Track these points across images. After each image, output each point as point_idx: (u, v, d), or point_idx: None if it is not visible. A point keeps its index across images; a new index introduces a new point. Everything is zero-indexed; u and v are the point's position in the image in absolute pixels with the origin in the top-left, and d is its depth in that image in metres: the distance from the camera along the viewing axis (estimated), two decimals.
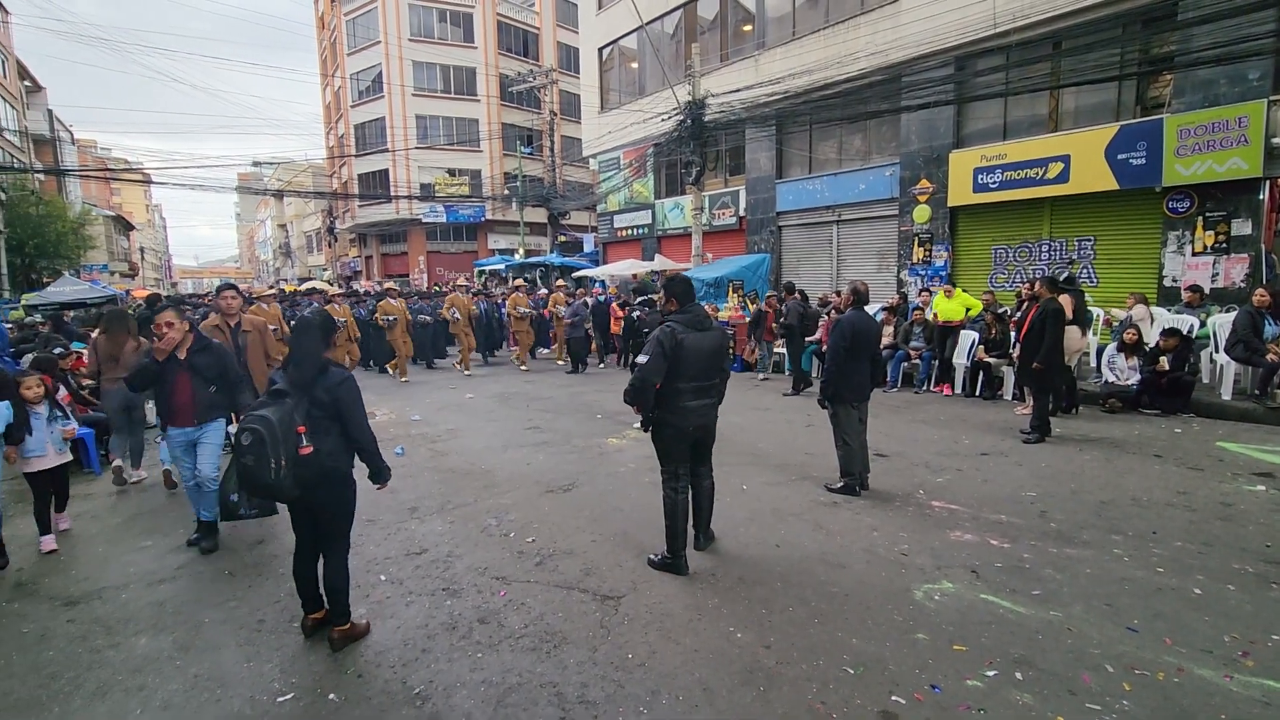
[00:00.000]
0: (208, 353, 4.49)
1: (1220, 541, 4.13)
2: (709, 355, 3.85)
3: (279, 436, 2.78)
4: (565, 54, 34.50)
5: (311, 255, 54.82)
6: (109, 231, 44.14)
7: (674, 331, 3.72)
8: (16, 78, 33.63)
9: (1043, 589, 3.58)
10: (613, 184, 21.75)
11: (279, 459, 2.77)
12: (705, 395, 3.89)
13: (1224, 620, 3.21)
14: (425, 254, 34.01)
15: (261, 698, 2.79)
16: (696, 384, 3.80)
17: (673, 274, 4.26)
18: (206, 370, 4.41)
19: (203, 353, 4.45)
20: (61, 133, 38.46)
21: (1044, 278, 7.13)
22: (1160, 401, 7.63)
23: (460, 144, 33.35)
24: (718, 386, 4.02)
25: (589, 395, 10.02)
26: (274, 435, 2.77)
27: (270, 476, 2.76)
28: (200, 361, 4.41)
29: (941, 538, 4.31)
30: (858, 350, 5.14)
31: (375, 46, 32.55)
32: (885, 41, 12.85)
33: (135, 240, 57.79)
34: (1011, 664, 2.89)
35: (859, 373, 5.21)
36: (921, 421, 7.77)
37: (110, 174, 38.97)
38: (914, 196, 13.23)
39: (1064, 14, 10.60)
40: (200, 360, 4.42)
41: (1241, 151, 9.16)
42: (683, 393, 3.77)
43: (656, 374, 3.68)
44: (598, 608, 3.51)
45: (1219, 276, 9.72)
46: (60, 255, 26.59)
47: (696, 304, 3.98)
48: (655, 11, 18.29)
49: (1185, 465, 5.76)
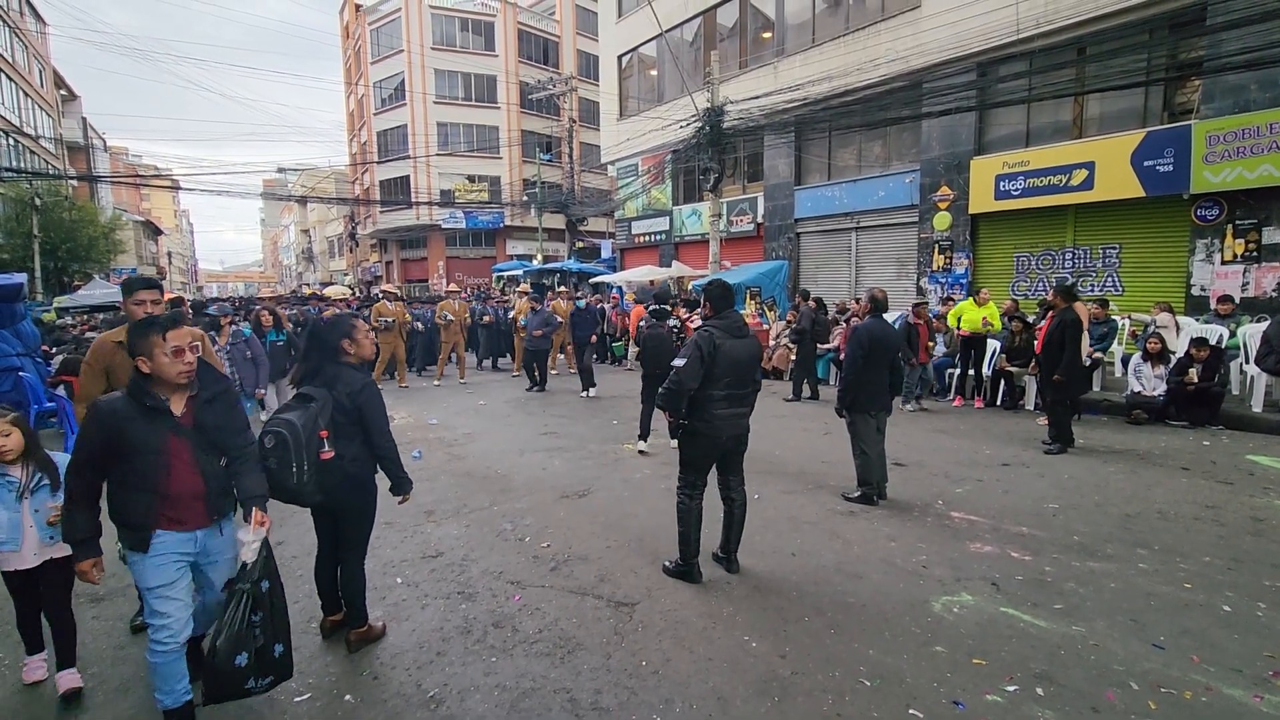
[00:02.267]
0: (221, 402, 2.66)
1: (1250, 558, 4.03)
2: (745, 363, 3.78)
3: (302, 441, 2.76)
4: (585, 61, 34.72)
5: (333, 260, 55.64)
6: (138, 236, 45.21)
7: (713, 336, 3.69)
8: (53, 87, 34.67)
9: (1065, 603, 3.51)
10: (631, 190, 21.83)
11: (302, 464, 2.76)
12: (738, 404, 3.80)
13: (1254, 639, 3.12)
14: (444, 259, 34.37)
15: (279, 697, 2.81)
16: (730, 392, 3.74)
17: (713, 280, 4.20)
18: (218, 432, 2.60)
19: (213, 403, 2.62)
20: (95, 140, 39.52)
21: (1058, 287, 6.99)
22: (1188, 413, 7.47)
23: (480, 151, 33.72)
24: (750, 396, 3.91)
25: (605, 401, 10.03)
26: (297, 439, 2.75)
27: (294, 481, 2.76)
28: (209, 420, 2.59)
29: (961, 549, 4.25)
30: (876, 359, 5.09)
31: (398, 55, 33.06)
32: (906, 48, 12.78)
33: (163, 245, 59.10)
34: (1033, 679, 2.84)
35: (877, 382, 5.16)
36: (941, 431, 7.67)
37: (140, 180, 39.88)
38: (934, 203, 13.12)
39: (1089, 19, 10.47)
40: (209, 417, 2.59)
41: (1273, 158, 8.97)
42: (715, 400, 3.71)
43: (694, 378, 3.65)
44: (612, 614, 3.50)
45: (1249, 286, 9.51)
46: (91, 259, 27.21)
47: (734, 310, 3.93)
48: (675, 19, 18.37)
49: (1214, 479, 5.63)
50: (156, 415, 2.42)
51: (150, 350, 2.41)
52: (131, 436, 2.37)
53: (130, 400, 2.42)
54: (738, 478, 4.01)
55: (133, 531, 2.43)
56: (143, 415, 2.40)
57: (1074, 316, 6.57)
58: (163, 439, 2.42)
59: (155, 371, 2.41)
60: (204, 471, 2.51)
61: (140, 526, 2.42)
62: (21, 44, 29.67)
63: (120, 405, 2.40)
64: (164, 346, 2.40)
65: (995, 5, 11.33)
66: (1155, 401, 7.64)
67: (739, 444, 3.92)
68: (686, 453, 3.89)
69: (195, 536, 2.53)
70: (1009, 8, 11.28)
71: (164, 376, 2.42)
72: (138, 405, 2.41)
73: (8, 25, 27.96)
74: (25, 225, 23.79)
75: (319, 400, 2.92)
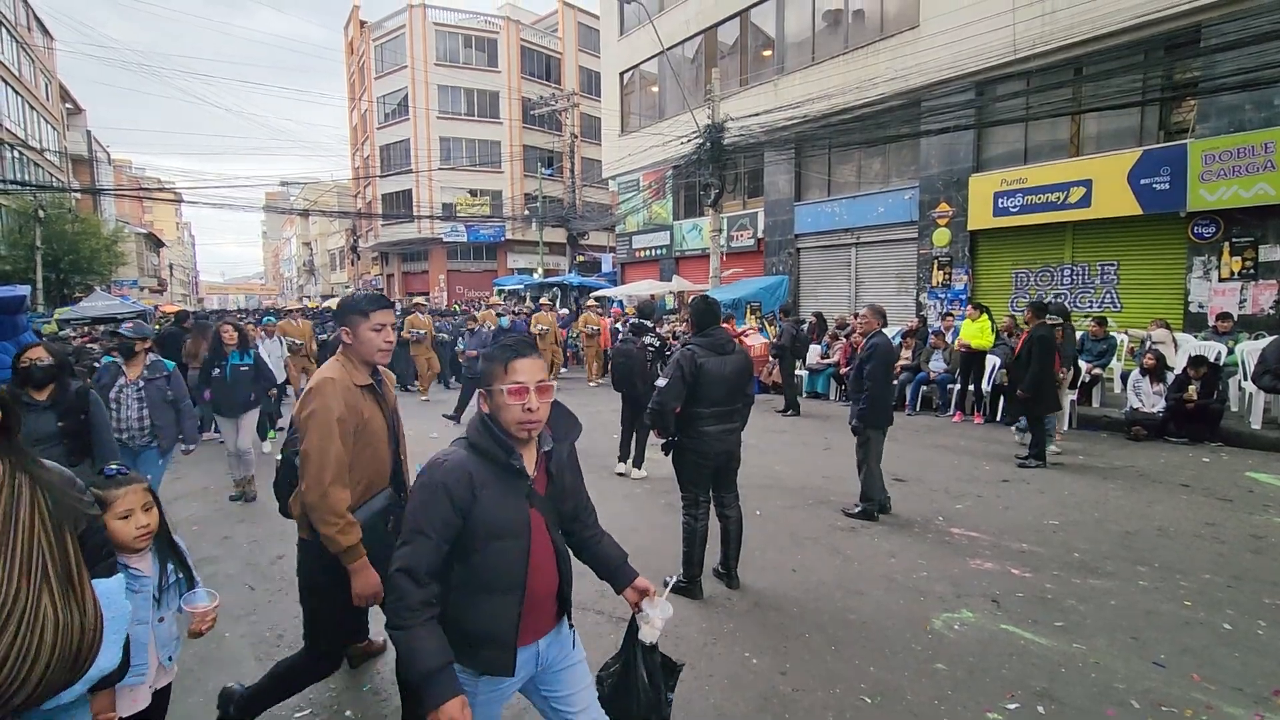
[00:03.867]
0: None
1: (1251, 575, 4.03)
2: (731, 380, 3.77)
3: None
4: (586, 78, 35.06)
5: (334, 273, 55.80)
6: (140, 248, 45.38)
7: (694, 355, 3.70)
8: (59, 100, 34.96)
9: (1066, 620, 3.51)
10: (632, 205, 21.97)
11: None
12: (727, 420, 3.80)
13: (1255, 657, 3.12)
14: (446, 272, 34.48)
15: (279, 712, 2.80)
16: (717, 409, 3.75)
17: (697, 296, 4.20)
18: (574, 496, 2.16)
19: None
20: (99, 153, 39.78)
21: (1031, 303, 7.02)
22: (1187, 430, 7.48)
23: (482, 165, 33.94)
24: (740, 411, 3.90)
25: (606, 414, 10.03)
26: None
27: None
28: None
29: (961, 566, 4.25)
30: (891, 374, 5.15)
31: (402, 71, 33.36)
32: (905, 67, 12.93)
33: (165, 257, 59.31)
34: (1033, 697, 2.84)
35: (890, 396, 5.20)
36: (941, 446, 7.68)
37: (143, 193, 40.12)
38: (933, 220, 13.21)
39: (1085, 40, 10.61)
40: None
41: (1268, 177, 9.06)
42: (703, 417, 3.72)
43: (675, 398, 3.68)
44: (612, 629, 3.50)
45: (1246, 303, 9.56)
46: (93, 271, 27.31)
47: (718, 327, 3.93)
48: (676, 37, 18.59)
49: (1214, 496, 5.63)
50: (514, 478, 1.79)
51: (495, 383, 1.76)
52: (490, 512, 1.72)
53: (479, 457, 1.76)
54: (732, 494, 4.01)
55: (482, 651, 1.75)
56: (497, 478, 1.76)
57: (1043, 333, 6.58)
58: (523, 513, 1.78)
59: (505, 419, 1.75)
60: (559, 553, 1.92)
61: (501, 644, 1.75)
62: (29, 58, 29.98)
63: (471, 465, 1.74)
64: (505, 379, 1.75)
65: (993, 26, 11.48)
66: (1155, 418, 7.66)
67: (730, 460, 3.93)
68: (680, 471, 3.90)
69: (537, 649, 1.88)
70: (1006, 29, 11.44)
71: (508, 421, 1.75)
72: (491, 464, 1.76)
73: (15, 40, 28.27)
74: (28, 237, 23.90)
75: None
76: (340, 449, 2.29)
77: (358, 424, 2.38)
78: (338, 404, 2.31)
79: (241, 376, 6.01)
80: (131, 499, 1.95)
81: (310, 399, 2.32)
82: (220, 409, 6.03)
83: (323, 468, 2.25)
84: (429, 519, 1.68)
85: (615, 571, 2.17)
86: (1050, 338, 6.61)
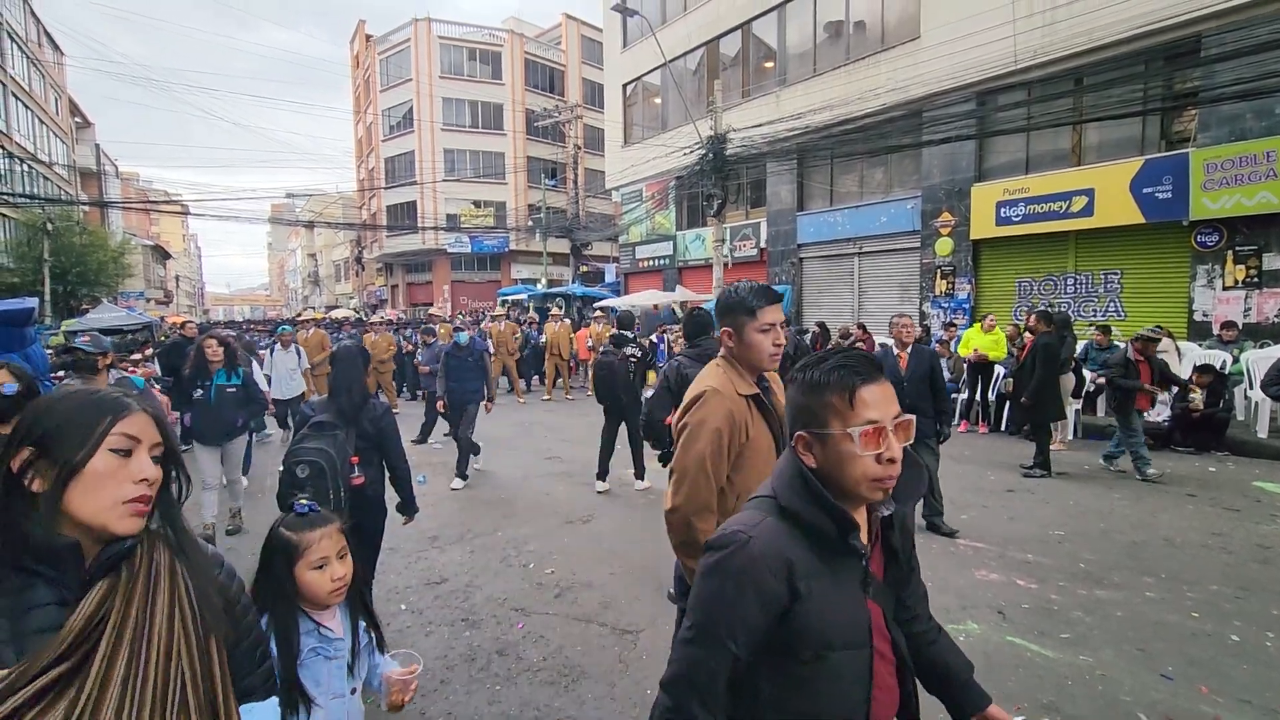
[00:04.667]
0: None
1: (1258, 585, 4.00)
2: None
3: (337, 468, 2.81)
4: (590, 90, 35.31)
5: (339, 284, 56.05)
6: (147, 260, 45.67)
7: (680, 367, 3.72)
8: (68, 114, 35.33)
9: (1072, 632, 3.49)
10: (635, 215, 22.06)
11: (338, 491, 2.79)
12: None
13: (1263, 669, 3.10)
14: (450, 283, 34.61)
15: None
16: None
17: (691, 307, 4.22)
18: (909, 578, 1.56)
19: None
20: (107, 166, 40.13)
21: (1038, 311, 7.04)
22: (1193, 439, 7.45)
23: (486, 177, 34.15)
24: None
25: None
26: (333, 466, 2.79)
27: (331, 509, 2.79)
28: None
29: (967, 576, 4.23)
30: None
31: (407, 84, 33.67)
32: (906, 78, 12.99)
33: (171, 268, 59.68)
34: (1040, 710, 2.82)
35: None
36: (946, 456, 7.62)
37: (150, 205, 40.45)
38: (936, 229, 13.23)
39: (1086, 50, 10.65)
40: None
41: (1270, 185, 9.05)
42: None
43: (661, 410, 3.73)
44: (616, 641, 3.49)
45: (1251, 311, 9.53)
46: (100, 283, 27.52)
47: (709, 337, 3.88)
48: (679, 49, 18.73)
49: (1220, 505, 5.60)
50: (848, 558, 1.19)
51: (830, 422, 1.18)
52: (820, 614, 1.14)
53: (800, 533, 1.17)
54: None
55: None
56: (824, 561, 1.17)
57: (1047, 341, 6.60)
58: (862, 611, 1.20)
59: (850, 476, 1.16)
60: (901, 663, 1.28)
61: None
62: (39, 73, 30.34)
63: (787, 545, 1.15)
64: (852, 417, 1.16)
65: (993, 37, 11.53)
66: (1161, 427, 7.62)
67: None
68: None
69: None
70: (1006, 39, 11.49)
71: (855, 479, 1.16)
72: (817, 542, 1.17)
73: (26, 55, 28.63)
74: (36, 249, 24.13)
75: (341, 428, 2.97)
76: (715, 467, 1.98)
77: (740, 443, 2.04)
78: (721, 419, 1.99)
79: (228, 399, 5.20)
80: (327, 545, 1.62)
81: (694, 410, 2.05)
82: (201, 435, 5.20)
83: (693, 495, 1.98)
84: (730, 623, 1.12)
85: (958, 688, 1.41)
86: (1054, 345, 6.63)
